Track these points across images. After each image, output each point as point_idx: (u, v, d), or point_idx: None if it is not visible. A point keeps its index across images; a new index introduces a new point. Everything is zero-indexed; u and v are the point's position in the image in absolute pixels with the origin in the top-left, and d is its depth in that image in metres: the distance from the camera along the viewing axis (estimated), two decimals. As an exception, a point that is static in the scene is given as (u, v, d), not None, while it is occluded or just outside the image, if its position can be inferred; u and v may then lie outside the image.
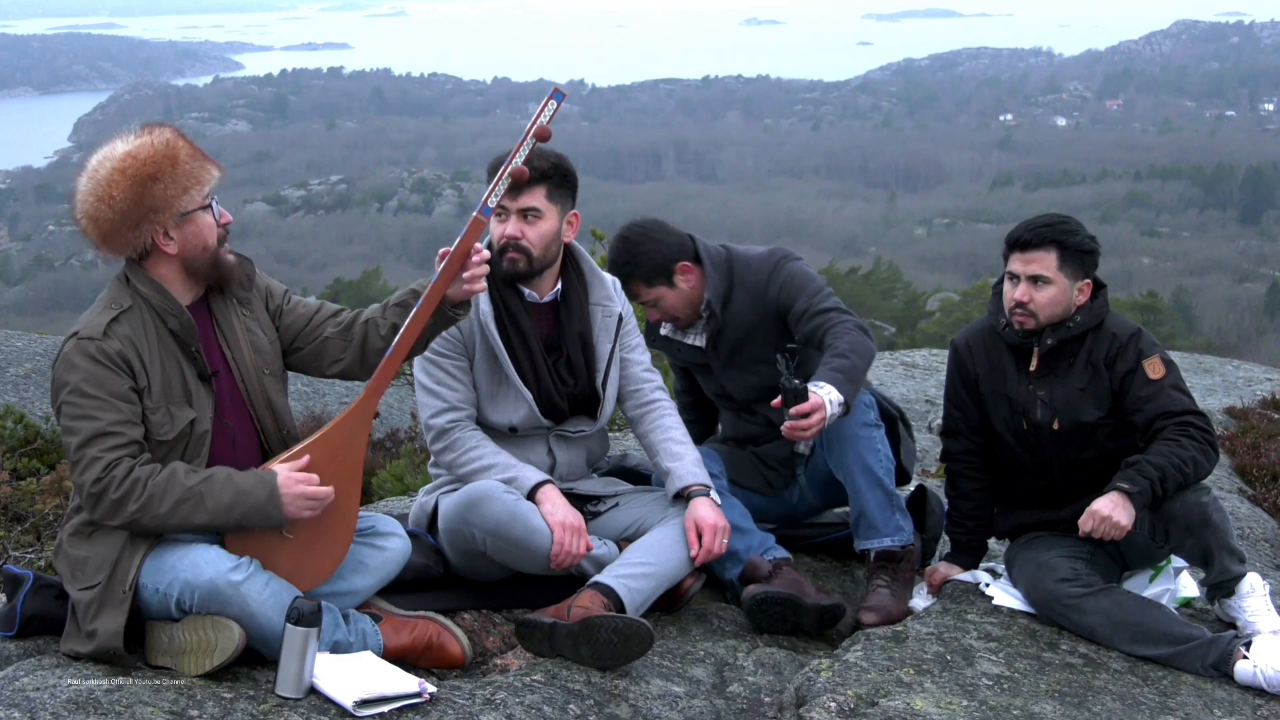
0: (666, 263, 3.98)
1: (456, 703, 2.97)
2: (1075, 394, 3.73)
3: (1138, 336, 3.74)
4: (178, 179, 3.02)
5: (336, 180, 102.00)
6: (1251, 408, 7.55)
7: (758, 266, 4.03)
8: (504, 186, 3.15)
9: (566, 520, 3.52)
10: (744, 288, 4.02)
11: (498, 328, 3.68)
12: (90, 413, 2.93)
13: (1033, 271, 3.70)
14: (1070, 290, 3.71)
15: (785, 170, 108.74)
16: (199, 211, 3.07)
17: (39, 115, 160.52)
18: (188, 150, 3.07)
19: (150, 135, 3.06)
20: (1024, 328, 3.75)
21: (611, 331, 3.81)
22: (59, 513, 5.61)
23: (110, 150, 3.05)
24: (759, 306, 4.01)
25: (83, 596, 3.01)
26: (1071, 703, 3.22)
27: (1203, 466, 3.54)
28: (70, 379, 2.95)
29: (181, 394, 3.06)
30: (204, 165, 3.09)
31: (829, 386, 3.60)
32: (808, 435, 3.58)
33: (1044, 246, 3.68)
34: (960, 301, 37.05)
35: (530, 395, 3.69)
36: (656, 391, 3.90)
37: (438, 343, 3.64)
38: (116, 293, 3.09)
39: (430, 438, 3.72)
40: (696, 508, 3.61)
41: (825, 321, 3.86)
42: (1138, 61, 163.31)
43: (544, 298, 3.75)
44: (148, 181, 2.99)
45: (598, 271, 3.84)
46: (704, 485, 3.68)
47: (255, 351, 3.21)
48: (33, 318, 50.37)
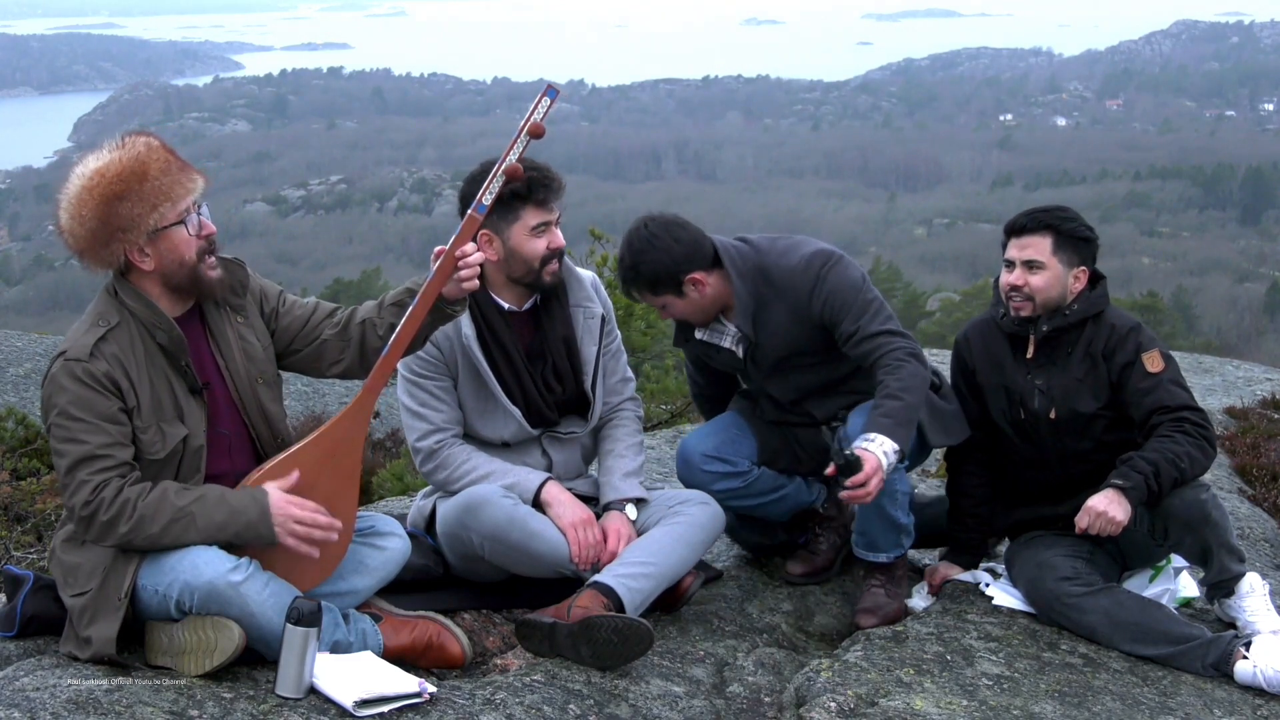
0: (674, 273, 3.68)
1: (456, 703, 2.97)
2: (1073, 384, 3.74)
3: (1138, 330, 3.75)
4: (145, 196, 2.94)
5: (336, 180, 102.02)
6: (1251, 408, 7.54)
7: (798, 279, 3.72)
8: (498, 184, 3.16)
9: (576, 519, 3.54)
10: (782, 301, 3.75)
11: (480, 347, 3.65)
12: (78, 436, 2.92)
13: (1027, 256, 3.72)
14: (1065, 276, 3.72)
15: (785, 170, 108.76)
16: (173, 228, 2.99)
17: (39, 115, 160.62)
18: (161, 164, 2.98)
19: (121, 150, 2.97)
20: (1020, 314, 3.76)
21: (595, 333, 3.78)
22: (59, 513, 5.61)
23: (83, 166, 3.00)
24: (800, 320, 3.75)
25: (76, 603, 3.01)
26: (1071, 703, 3.22)
27: (1199, 462, 3.53)
28: (58, 401, 2.93)
29: (172, 410, 3.04)
30: (178, 179, 2.99)
31: (881, 437, 3.48)
32: (869, 499, 3.47)
33: (1038, 231, 3.72)
34: (960, 301, 37.08)
35: (518, 412, 3.68)
36: (626, 403, 3.91)
37: (419, 364, 3.64)
38: (104, 307, 3.05)
39: (419, 461, 3.71)
40: (608, 520, 3.65)
41: (876, 349, 3.64)
42: (1138, 61, 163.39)
43: (522, 306, 3.72)
44: (114, 200, 2.93)
45: (574, 272, 3.80)
46: (621, 500, 3.70)
47: (249, 360, 3.18)
48: (33, 318, 50.39)
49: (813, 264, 3.72)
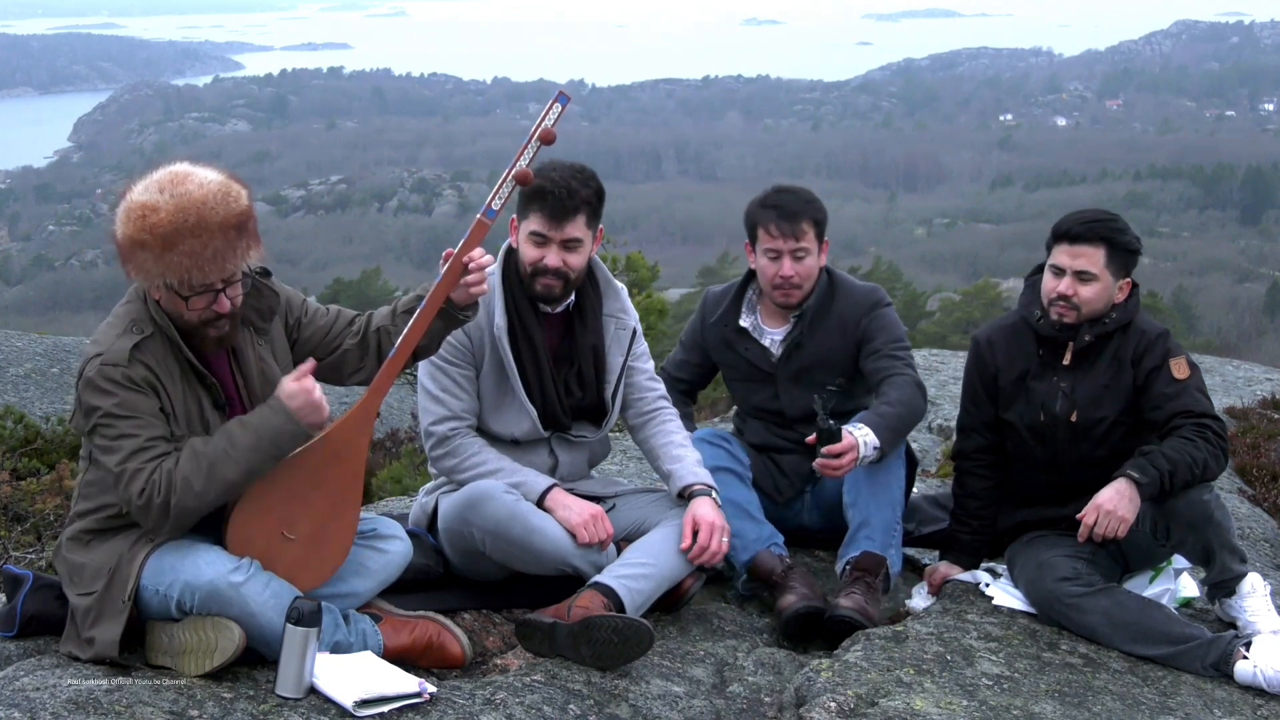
0: (826, 224, 4.08)
1: (456, 703, 2.97)
2: (1099, 389, 3.74)
3: (1165, 336, 3.75)
4: (163, 259, 2.88)
5: (336, 180, 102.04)
6: (1251, 408, 7.55)
7: (859, 297, 4.11)
8: (508, 189, 3.15)
9: (583, 516, 3.54)
10: (839, 310, 4.08)
11: (509, 341, 3.66)
12: (127, 431, 2.92)
13: (1080, 266, 3.69)
14: (1113, 288, 3.72)
15: (785, 170, 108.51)
16: (178, 296, 2.95)
17: (39, 115, 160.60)
18: (197, 243, 2.86)
19: (180, 201, 2.87)
20: (1063, 319, 3.75)
21: (624, 344, 3.79)
22: (59, 513, 5.60)
23: (146, 184, 2.92)
24: (845, 334, 4.08)
25: (80, 603, 3.01)
26: (1071, 703, 3.22)
27: (1211, 470, 3.54)
28: (102, 404, 2.92)
29: (200, 423, 3.05)
30: (205, 265, 2.88)
31: (867, 429, 3.75)
32: (838, 474, 3.73)
33: (1093, 242, 3.68)
34: (960, 301, 37.08)
35: (534, 411, 3.68)
36: (659, 400, 3.89)
37: (446, 350, 3.62)
38: (137, 314, 3.03)
39: (430, 444, 3.71)
40: (697, 506, 3.60)
41: (890, 368, 3.99)
42: (1138, 61, 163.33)
43: (557, 308, 3.73)
44: (137, 245, 2.89)
45: (613, 282, 3.82)
46: (705, 485, 3.68)
47: (266, 383, 3.16)
48: (33, 318, 50.44)
49: (875, 293, 4.16)
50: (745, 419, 4.38)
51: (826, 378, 4.01)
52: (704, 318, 4.28)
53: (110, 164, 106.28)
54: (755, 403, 4.27)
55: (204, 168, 2.99)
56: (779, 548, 3.89)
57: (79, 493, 3.12)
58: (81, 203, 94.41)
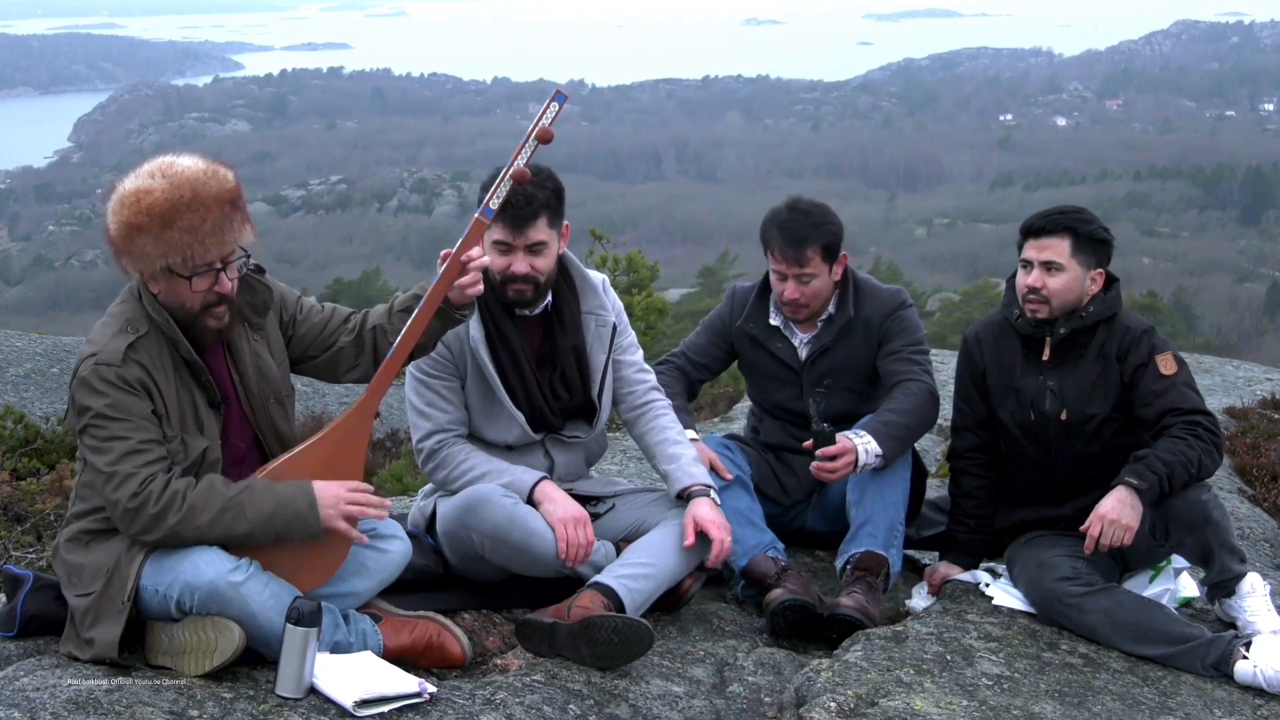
0: (839, 244, 4.06)
1: (456, 703, 2.97)
2: (1086, 386, 3.74)
3: (1151, 332, 3.75)
4: (162, 240, 2.89)
5: (336, 180, 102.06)
6: (1251, 408, 7.55)
7: (884, 299, 4.14)
8: (505, 188, 3.15)
9: (567, 515, 3.51)
10: (865, 315, 4.11)
11: (488, 350, 3.65)
12: (119, 434, 2.92)
13: (1046, 257, 3.71)
14: (1083, 278, 3.72)
15: (785, 170, 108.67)
16: (179, 278, 2.96)
17: (39, 115, 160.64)
18: (195, 217, 2.88)
19: (173, 181, 2.89)
20: (1036, 315, 3.76)
21: (606, 341, 3.77)
22: (59, 513, 5.60)
23: (135, 174, 2.95)
24: (869, 338, 4.12)
25: (79, 604, 3.01)
26: (1071, 703, 3.22)
27: (1207, 467, 3.54)
28: (94, 404, 2.92)
29: (194, 422, 3.05)
30: (206, 238, 2.90)
31: (868, 436, 3.77)
32: (833, 477, 3.76)
33: (1057, 233, 3.71)
34: (960, 301, 37.05)
35: (522, 417, 3.68)
36: (651, 392, 3.87)
37: (429, 363, 3.63)
38: (132, 313, 3.03)
39: (421, 460, 3.72)
40: (696, 507, 3.60)
41: (905, 372, 4.02)
42: (1138, 61, 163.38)
43: (534, 311, 3.71)
44: (134, 230, 2.89)
45: (589, 278, 3.79)
46: (703, 485, 3.67)
47: (262, 378, 3.17)
48: (33, 318, 50.46)
49: (900, 295, 4.19)
50: (762, 418, 4.38)
51: (852, 382, 4.05)
52: (732, 311, 4.29)
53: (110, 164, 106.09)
54: (777, 401, 4.27)
55: (188, 155, 3.01)
56: (777, 553, 3.89)
57: (76, 493, 3.12)
58: (81, 203, 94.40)
